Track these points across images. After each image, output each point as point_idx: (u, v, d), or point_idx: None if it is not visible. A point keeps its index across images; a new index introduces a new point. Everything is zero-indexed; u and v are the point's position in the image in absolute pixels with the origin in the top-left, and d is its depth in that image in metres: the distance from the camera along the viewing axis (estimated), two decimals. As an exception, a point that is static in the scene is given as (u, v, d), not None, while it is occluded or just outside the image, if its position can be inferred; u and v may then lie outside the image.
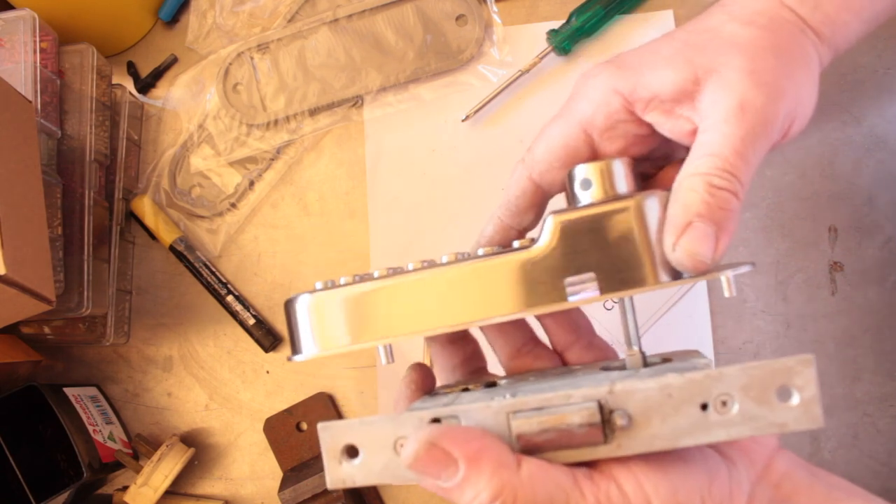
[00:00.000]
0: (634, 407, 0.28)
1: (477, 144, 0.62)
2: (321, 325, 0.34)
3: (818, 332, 0.58)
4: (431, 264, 0.33)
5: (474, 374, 0.40)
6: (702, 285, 0.58)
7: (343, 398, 0.61)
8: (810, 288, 0.58)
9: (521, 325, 0.40)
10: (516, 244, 0.33)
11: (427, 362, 0.59)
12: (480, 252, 0.33)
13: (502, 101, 0.62)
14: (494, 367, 0.41)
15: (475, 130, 0.63)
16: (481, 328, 0.40)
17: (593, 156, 0.37)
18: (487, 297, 0.33)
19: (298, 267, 0.63)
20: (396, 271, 0.34)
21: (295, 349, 0.35)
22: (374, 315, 0.33)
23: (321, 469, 0.54)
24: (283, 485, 0.55)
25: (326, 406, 0.60)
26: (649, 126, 0.36)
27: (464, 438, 0.29)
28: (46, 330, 0.60)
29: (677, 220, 0.32)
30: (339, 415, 0.61)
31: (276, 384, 0.62)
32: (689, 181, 0.32)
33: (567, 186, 0.36)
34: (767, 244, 0.59)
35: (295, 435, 0.60)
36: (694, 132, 0.35)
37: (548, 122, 0.38)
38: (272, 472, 0.61)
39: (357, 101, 0.63)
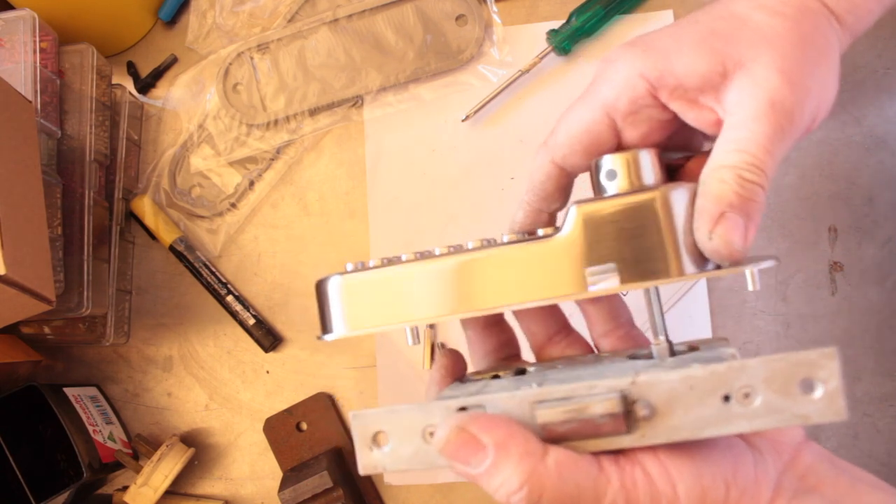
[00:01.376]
0: (657, 398, 0.29)
1: (477, 144, 0.62)
2: (351, 306, 0.35)
3: (818, 332, 0.58)
4: (458, 249, 0.34)
5: (507, 360, 0.40)
6: (702, 285, 0.58)
7: (343, 398, 0.61)
8: (810, 288, 0.58)
9: (553, 312, 0.40)
10: (541, 232, 0.33)
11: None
12: (505, 238, 0.34)
13: (502, 101, 0.62)
14: (528, 354, 0.41)
15: (475, 130, 0.63)
16: (514, 315, 0.40)
17: (616, 139, 0.37)
18: (510, 284, 0.33)
19: (298, 267, 0.63)
20: (424, 255, 0.34)
21: (325, 329, 0.36)
22: (403, 297, 0.34)
23: (321, 469, 0.54)
24: (283, 485, 0.55)
25: (326, 406, 0.60)
26: (672, 112, 0.37)
27: (492, 425, 0.30)
28: (46, 330, 0.60)
29: (710, 209, 0.32)
30: (339, 415, 0.61)
31: (276, 384, 0.62)
32: (719, 173, 0.33)
33: (592, 176, 0.36)
34: (767, 244, 0.59)
35: (295, 435, 0.60)
36: (717, 122, 0.35)
37: (570, 105, 0.38)
38: (272, 472, 0.61)
39: (357, 101, 0.63)
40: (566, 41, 0.61)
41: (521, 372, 0.37)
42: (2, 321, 0.49)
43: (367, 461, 0.31)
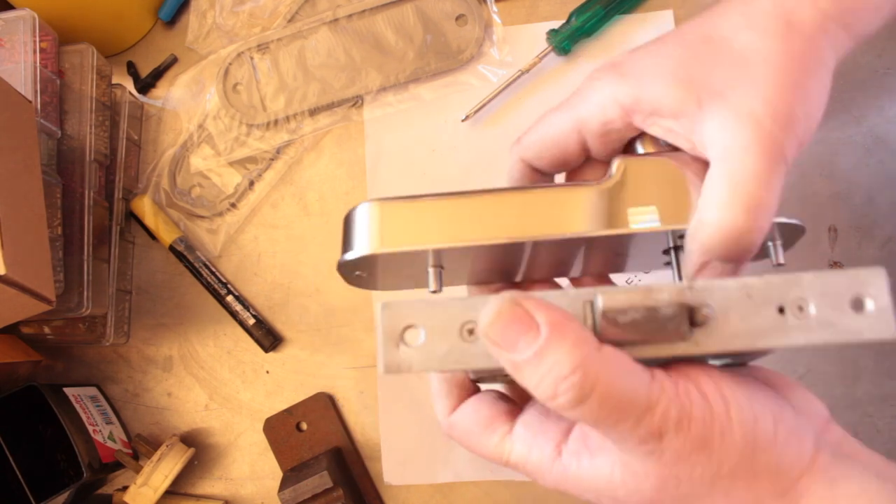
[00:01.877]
0: (714, 304, 0.29)
1: (477, 144, 0.62)
2: (378, 227, 0.34)
3: (818, 332, 0.58)
4: (495, 189, 0.35)
5: None
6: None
7: (343, 398, 0.61)
8: (810, 288, 0.58)
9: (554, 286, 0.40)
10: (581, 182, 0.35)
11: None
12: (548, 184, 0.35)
13: (502, 101, 0.62)
14: None
15: (475, 130, 0.63)
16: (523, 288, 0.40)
17: (584, 155, 0.38)
18: (552, 219, 0.34)
19: (298, 267, 0.63)
20: (461, 193, 0.35)
21: (346, 249, 0.35)
22: (434, 222, 0.34)
23: (321, 469, 0.54)
24: (283, 485, 0.55)
25: (326, 406, 0.60)
26: (641, 132, 0.36)
27: (548, 306, 0.28)
28: (46, 330, 0.60)
29: (693, 257, 0.33)
30: (339, 415, 0.61)
31: (276, 384, 0.62)
32: (709, 216, 0.32)
33: (624, 148, 0.38)
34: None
35: (295, 435, 0.60)
36: (693, 149, 0.34)
37: (548, 111, 0.38)
38: (272, 472, 0.61)
39: (357, 101, 0.63)
40: (566, 41, 0.61)
41: None
42: (2, 321, 0.49)
43: (391, 359, 0.29)
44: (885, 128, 0.59)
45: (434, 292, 0.35)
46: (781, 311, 0.28)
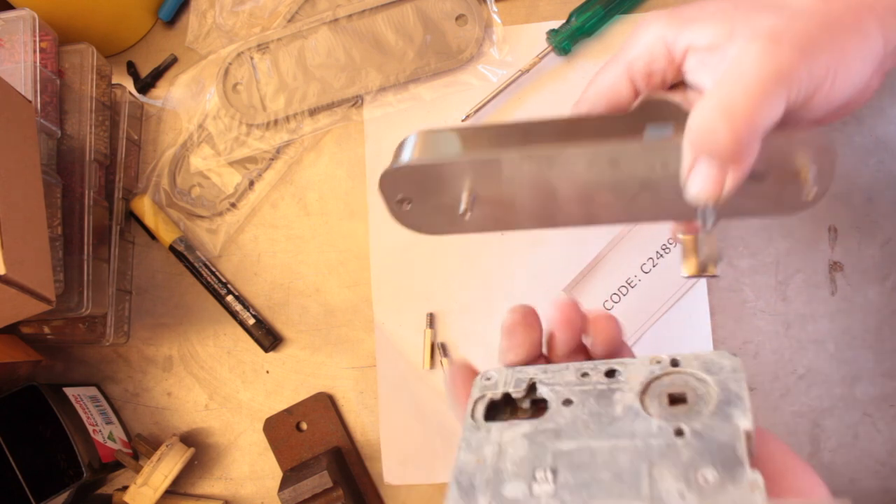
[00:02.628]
0: None
1: (477, 144, 0.62)
2: (418, 145, 0.39)
3: (818, 332, 0.58)
4: (523, 120, 0.39)
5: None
6: (702, 285, 0.58)
7: (343, 398, 0.61)
8: (810, 288, 0.58)
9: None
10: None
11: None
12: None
13: (502, 101, 0.62)
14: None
15: (475, 130, 0.63)
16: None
17: (635, 98, 0.40)
18: (575, 135, 0.38)
19: (298, 267, 0.63)
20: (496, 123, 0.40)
21: (397, 160, 0.39)
22: (468, 143, 0.39)
23: (321, 469, 0.54)
24: (283, 485, 0.55)
25: (326, 406, 0.60)
26: (681, 79, 0.39)
27: None
28: (46, 330, 0.60)
29: (686, 154, 0.35)
30: (339, 415, 0.61)
31: (276, 384, 0.62)
32: (694, 115, 0.34)
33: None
34: (767, 244, 0.59)
35: (295, 435, 0.60)
36: None
37: (603, 65, 0.41)
38: (272, 472, 0.61)
39: (357, 101, 0.63)
40: (566, 41, 0.61)
41: (533, 389, 0.35)
42: (2, 321, 0.49)
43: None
44: (886, 128, 0.59)
45: (463, 213, 0.39)
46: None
